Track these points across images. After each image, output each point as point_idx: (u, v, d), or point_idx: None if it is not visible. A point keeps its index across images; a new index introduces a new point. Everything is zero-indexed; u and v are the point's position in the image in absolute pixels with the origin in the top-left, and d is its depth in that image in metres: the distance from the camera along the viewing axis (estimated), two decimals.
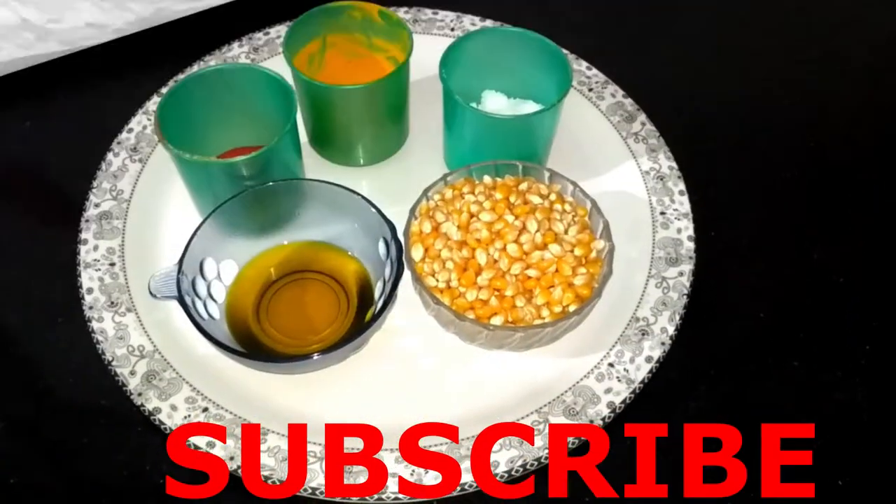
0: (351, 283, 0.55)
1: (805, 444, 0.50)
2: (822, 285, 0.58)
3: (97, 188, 0.59)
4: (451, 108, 0.57)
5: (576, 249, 0.51)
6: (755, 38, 0.75)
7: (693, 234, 0.58)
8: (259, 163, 0.52)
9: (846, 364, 0.55)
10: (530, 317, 0.49)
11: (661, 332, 0.53)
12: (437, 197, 0.54)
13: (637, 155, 0.62)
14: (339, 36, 0.61)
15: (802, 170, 0.65)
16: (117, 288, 0.55)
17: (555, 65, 0.57)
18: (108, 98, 0.68)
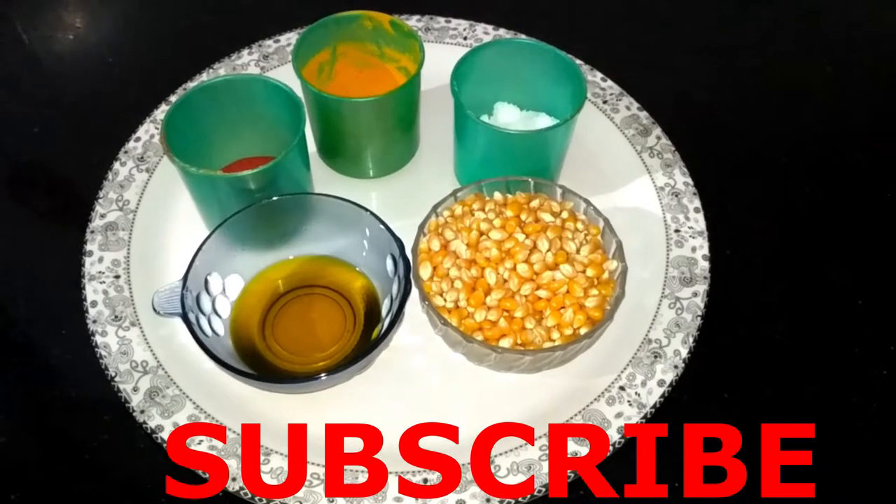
0: (358, 299, 0.54)
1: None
2: (840, 307, 0.57)
3: (103, 198, 0.59)
4: (462, 122, 0.56)
5: (588, 270, 0.50)
6: (775, 52, 0.73)
7: (708, 254, 0.56)
8: (267, 176, 0.51)
9: (862, 389, 0.53)
10: (540, 339, 0.48)
11: (675, 355, 0.52)
12: (447, 213, 0.53)
13: (652, 170, 0.61)
14: (350, 45, 0.60)
15: (822, 187, 0.63)
16: (122, 301, 0.54)
17: (569, 77, 0.56)
18: (115, 106, 0.67)
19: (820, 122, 0.68)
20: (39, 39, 0.74)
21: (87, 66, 0.72)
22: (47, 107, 0.68)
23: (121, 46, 0.73)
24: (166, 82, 0.65)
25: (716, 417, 0.51)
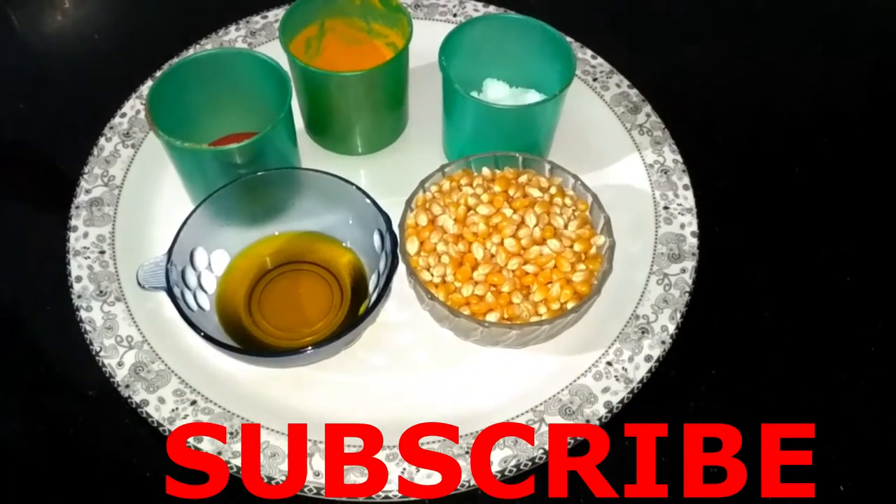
0: (345, 275, 0.54)
1: (805, 444, 0.49)
2: (829, 284, 0.57)
3: (88, 174, 0.58)
4: (450, 97, 0.56)
5: (575, 245, 0.50)
6: (766, 31, 0.73)
7: (697, 231, 0.56)
8: (252, 150, 0.51)
9: (850, 366, 0.53)
10: (527, 314, 0.48)
11: (662, 331, 0.52)
12: (434, 189, 0.53)
13: (641, 147, 0.61)
14: (338, 20, 0.59)
15: (812, 165, 0.63)
16: (107, 276, 0.53)
17: (558, 54, 0.55)
18: (101, 81, 0.67)
19: (812, 101, 0.68)
20: (27, 17, 0.73)
21: (74, 43, 0.71)
22: (33, 83, 0.68)
23: (107, 23, 0.73)
24: (153, 59, 0.64)
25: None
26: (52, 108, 0.66)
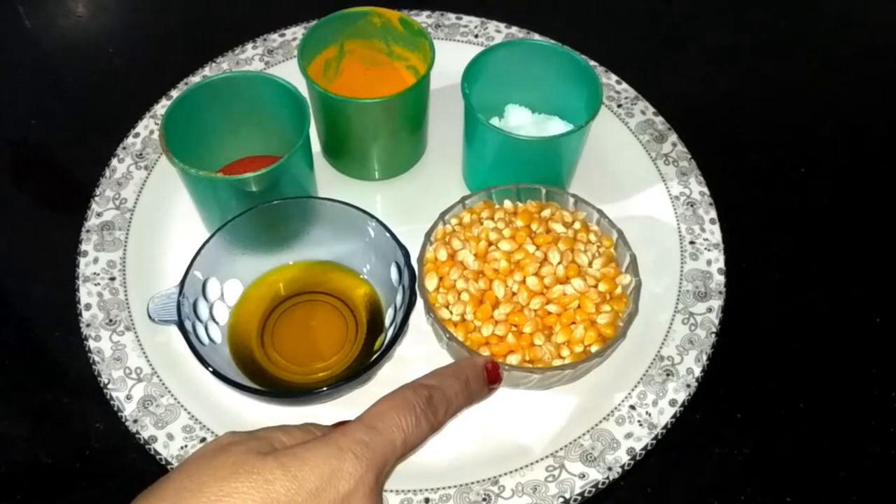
0: (360, 307, 0.52)
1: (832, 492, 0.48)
2: (860, 325, 0.55)
3: (99, 196, 0.57)
4: (472, 126, 0.54)
5: (600, 284, 0.48)
6: (794, 59, 0.71)
7: (724, 267, 0.54)
8: (269, 178, 0.50)
9: (881, 412, 0.51)
10: (549, 356, 0.46)
11: (687, 374, 0.50)
12: (455, 221, 0.51)
13: (667, 178, 0.59)
14: (358, 42, 0.58)
15: (842, 199, 0.61)
16: (117, 304, 0.52)
17: (584, 81, 0.54)
18: (115, 100, 0.66)
19: (841, 131, 0.66)
20: (42, 26, 0.72)
21: (89, 55, 0.70)
22: (47, 94, 0.66)
23: (122, 36, 0.71)
24: (167, 75, 0.63)
25: (728, 440, 0.49)
26: (66, 120, 0.64)
